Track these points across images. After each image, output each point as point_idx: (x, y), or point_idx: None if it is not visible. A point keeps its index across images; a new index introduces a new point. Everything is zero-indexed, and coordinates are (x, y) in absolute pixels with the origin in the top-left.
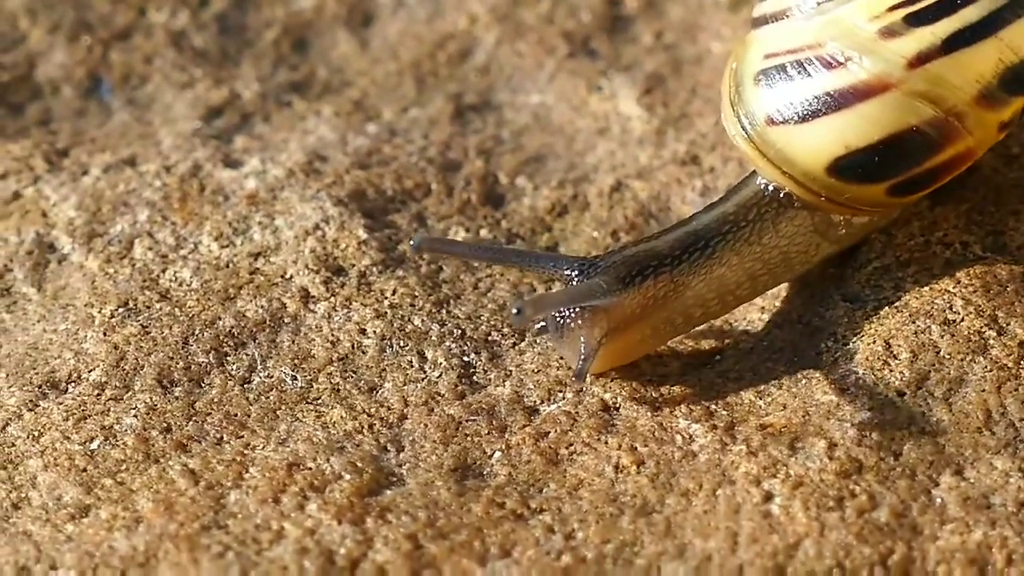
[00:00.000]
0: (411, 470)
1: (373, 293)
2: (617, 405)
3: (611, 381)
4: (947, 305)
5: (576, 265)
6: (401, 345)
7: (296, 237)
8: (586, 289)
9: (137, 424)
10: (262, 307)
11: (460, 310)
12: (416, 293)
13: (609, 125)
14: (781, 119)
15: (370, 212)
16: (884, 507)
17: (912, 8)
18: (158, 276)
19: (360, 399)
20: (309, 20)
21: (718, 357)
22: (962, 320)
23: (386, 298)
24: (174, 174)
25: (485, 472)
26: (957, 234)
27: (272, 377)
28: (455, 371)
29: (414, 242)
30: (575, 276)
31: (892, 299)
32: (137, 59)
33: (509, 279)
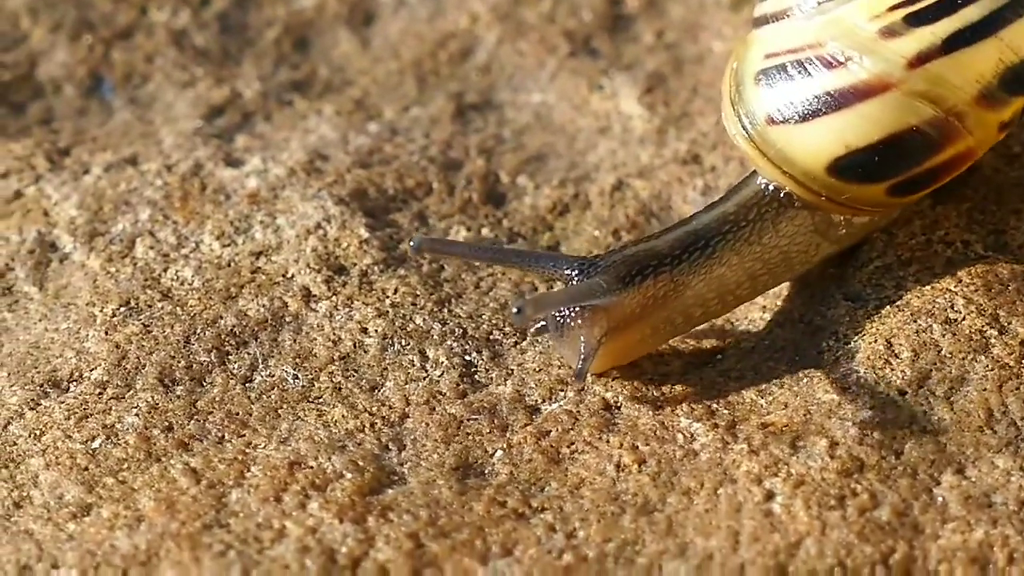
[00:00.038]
0: (412, 469)
1: (375, 292)
2: (618, 404)
3: (612, 380)
4: (948, 304)
5: (576, 264)
6: (403, 344)
7: (297, 236)
8: (586, 288)
9: (139, 423)
10: (264, 306)
11: (462, 309)
12: (418, 292)
13: (610, 124)
14: (781, 119)
15: (371, 211)
16: (885, 506)
17: (912, 8)
18: (160, 275)
19: (362, 398)
20: (310, 19)
21: (719, 356)
22: (963, 319)
23: (387, 297)
24: (175, 173)
25: (486, 471)
26: (958, 233)
27: (274, 376)
28: (456, 370)
29: (413, 243)
30: (575, 275)
31: (893, 298)
32: (138, 58)
33: (510, 278)
